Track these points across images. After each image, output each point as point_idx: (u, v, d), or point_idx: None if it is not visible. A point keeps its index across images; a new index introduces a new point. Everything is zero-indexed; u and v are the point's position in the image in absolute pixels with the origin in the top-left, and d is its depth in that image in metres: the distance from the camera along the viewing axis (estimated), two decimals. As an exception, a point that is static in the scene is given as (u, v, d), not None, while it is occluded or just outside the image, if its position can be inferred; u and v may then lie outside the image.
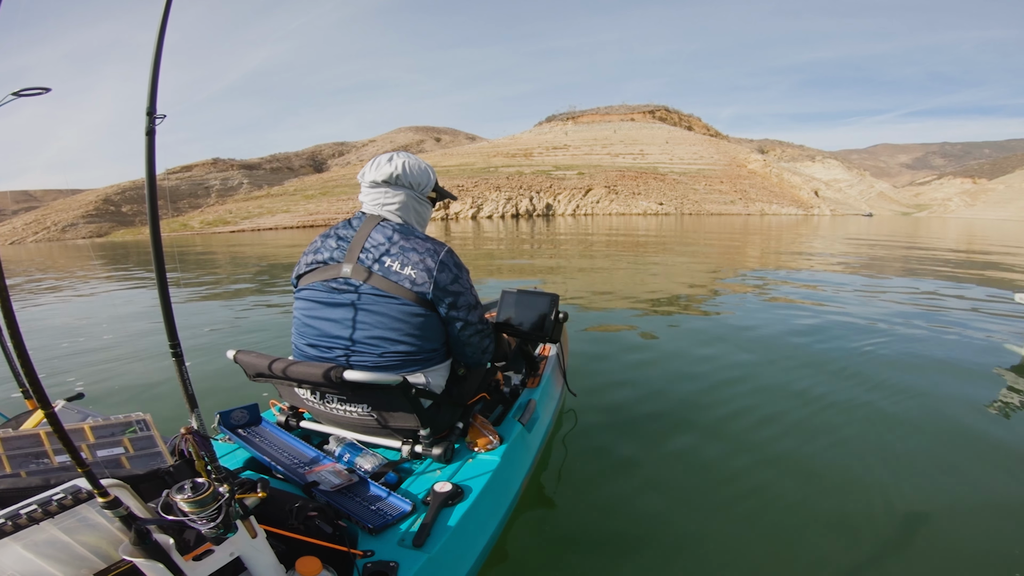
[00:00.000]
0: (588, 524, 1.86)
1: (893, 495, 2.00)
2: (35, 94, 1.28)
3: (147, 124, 0.95)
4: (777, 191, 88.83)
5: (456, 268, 1.45)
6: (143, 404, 3.06)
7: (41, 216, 55.08)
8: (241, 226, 48.84)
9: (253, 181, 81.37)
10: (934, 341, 4.22)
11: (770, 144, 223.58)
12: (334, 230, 1.52)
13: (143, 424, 1.15)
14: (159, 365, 3.73)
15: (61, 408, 1.37)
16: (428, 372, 1.49)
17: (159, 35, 0.96)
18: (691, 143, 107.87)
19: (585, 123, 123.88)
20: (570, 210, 68.69)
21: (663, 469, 2.23)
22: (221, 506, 0.78)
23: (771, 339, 4.27)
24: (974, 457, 2.31)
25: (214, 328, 5.12)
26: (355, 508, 1.23)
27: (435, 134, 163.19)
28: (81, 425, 1.09)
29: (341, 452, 1.48)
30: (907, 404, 2.86)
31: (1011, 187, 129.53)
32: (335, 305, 1.43)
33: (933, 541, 1.75)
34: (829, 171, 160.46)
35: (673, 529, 1.83)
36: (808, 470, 2.20)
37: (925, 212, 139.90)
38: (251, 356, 1.47)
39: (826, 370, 3.46)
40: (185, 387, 1.03)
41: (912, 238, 20.78)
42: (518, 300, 1.93)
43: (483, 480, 1.40)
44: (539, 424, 1.94)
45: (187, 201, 68.58)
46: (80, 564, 0.78)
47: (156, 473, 1.00)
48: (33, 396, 0.69)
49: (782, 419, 2.68)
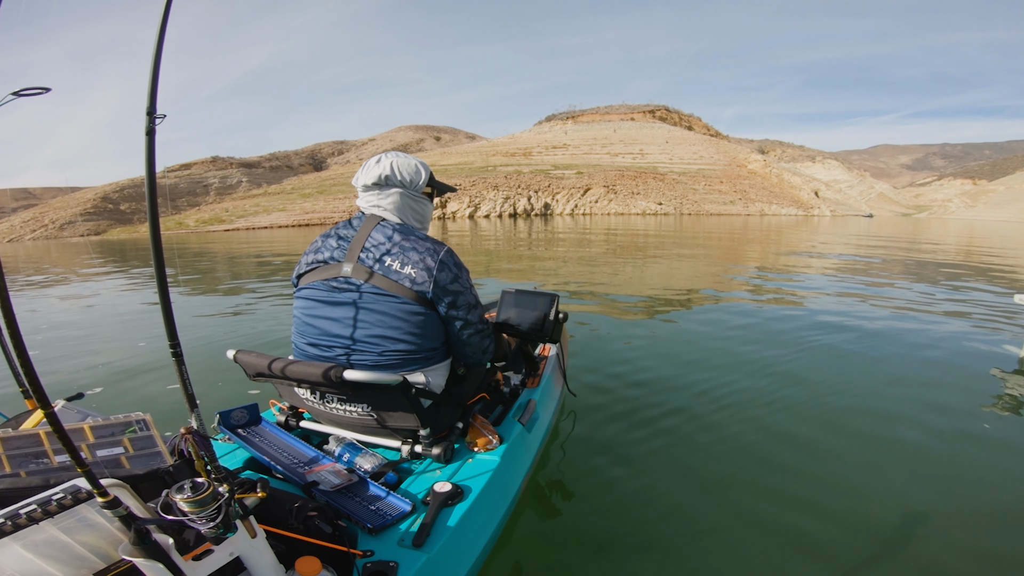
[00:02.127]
0: (588, 524, 1.86)
1: (892, 495, 2.01)
2: (35, 94, 1.28)
3: (147, 124, 0.95)
4: (777, 191, 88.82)
5: (456, 267, 1.46)
6: (143, 404, 3.06)
7: (39, 214, 54.93)
8: (236, 224, 48.50)
9: (252, 180, 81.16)
10: (933, 341, 4.23)
11: (770, 144, 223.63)
12: (335, 230, 1.52)
13: (143, 424, 1.15)
14: (159, 365, 3.73)
15: (61, 408, 1.37)
16: (428, 371, 1.49)
17: (159, 35, 0.96)
18: (691, 143, 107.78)
19: (585, 122, 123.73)
20: (568, 210, 68.58)
21: (664, 469, 2.23)
22: (221, 506, 0.78)
23: (771, 340, 4.27)
24: (973, 458, 2.31)
25: (214, 327, 5.12)
26: (355, 508, 1.23)
27: (435, 133, 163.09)
28: (81, 425, 1.09)
29: (341, 452, 1.48)
30: (906, 405, 2.87)
31: (1011, 188, 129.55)
32: (336, 304, 1.43)
33: (932, 542, 1.75)
34: (829, 172, 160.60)
35: (674, 529, 1.84)
36: (809, 471, 2.21)
37: (925, 213, 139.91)
38: (251, 355, 1.47)
39: (826, 371, 3.47)
40: (185, 387, 1.03)
41: (912, 239, 20.80)
42: (518, 300, 1.93)
43: (483, 480, 1.40)
44: (539, 424, 1.94)
45: (186, 199, 68.40)
46: (80, 564, 0.78)
47: (156, 473, 1.00)
48: (33, 396, 0.69)
49: (782, 419, 2.69)
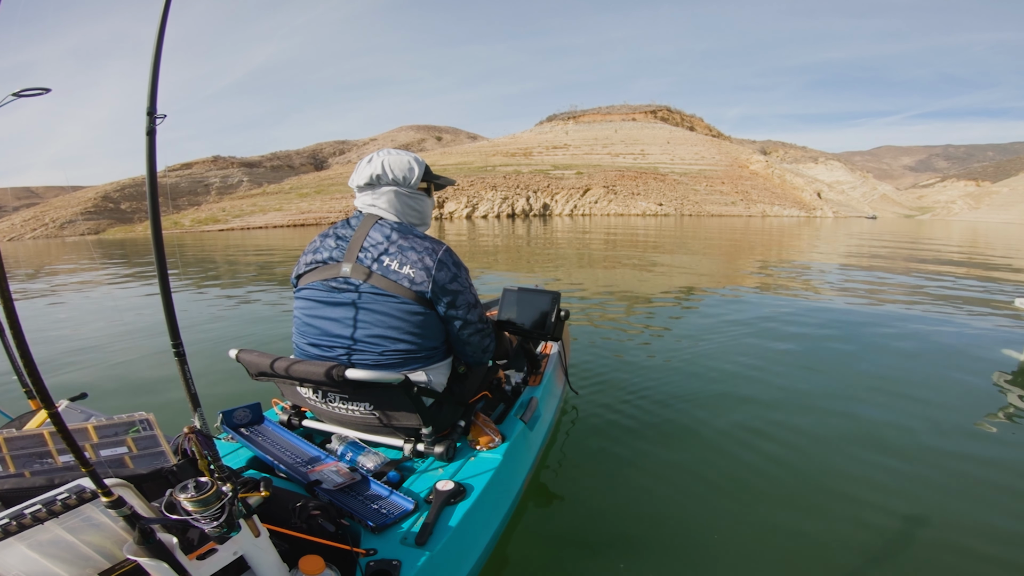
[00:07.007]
0: (590, 522, 1.86)
1: (893, 499, 2.00)
2: (36, 94, 1.28)
3: (147, 124, 0.95)
4: (779, 192, 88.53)
5: (455, 267, 1.45)
6: (146, 404, 3.06)
7: (40, 213, 54.92)
8: (231, 224, 48.32)
9: (253, 179, 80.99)
10: (934, 344, 4.22)
11: (773, 145, 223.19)
12: (333, 229, 1.52)
13: (146, 424, 1.15)
14: (162, 364, 3.73)
15: (64, 408, 1.37)
16: (429, 370, 1.49)
17: (158, 37, 0.96)
18: (692, 143, 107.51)
19: (586, 122, 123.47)
20: (567, 210, 68.41)
21: (666, 467, 2.23)
22: (224, 505, 0.78)
23: (772, 340, 4.27)
24: (972, 462, 2.30)
25: (216, 327, 5.12)
26: (357, 507, 1.23)
27: (436, 133, 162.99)
28: (84, 425, 1.09)
29: (343, 451, 1.48)
30: (906, 408, 2.86)
31: (1015, 190, 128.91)
32: (335, 304, 1.43)
33: (933, 544, 1.75)
34: (832, 173, 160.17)
35: (675, 528, 1.84)
36: (810, 473, 2.21)
37: (928, 215, 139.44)
38: (253, 355, 1.47)
39: (827, 374, 3.46)
40: (188, 386, 1.03)
41: (915, 241, 20.74)
42: (520, 298, 1.93)
43: (485, 478, 1.40)
44: (541, 422, 1.94)
45: (186, 199, 68.30)
46: (84, 564, 0.78)
47: (159, 472, 1.00)
48: (36, 396, 0.69)
49: (784, 420, 2.69)
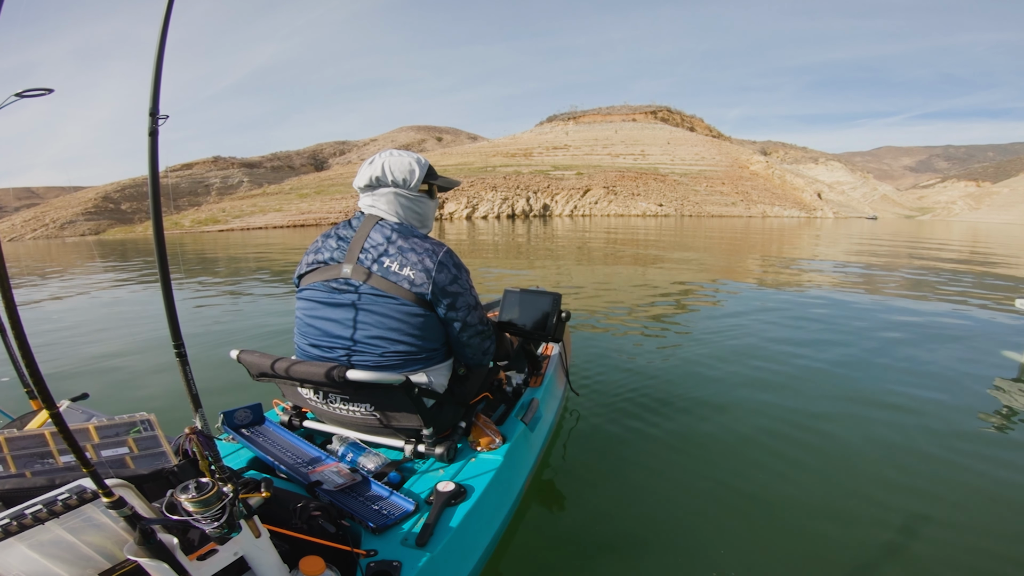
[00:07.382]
0: (591, 523, 1.86)
1: (894, 499, 2.00)
2: (38, 95, 1.29)
3: (149, 125, 0.95)
4: (779, 193, 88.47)
5: (455, 268, 1.44)
6: (147, 404, 3.06)
7: (40, 213, 54.93)
8: (231, 225, 48.29)
9: (254, 179, 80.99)
10: (933, 346, 4.21)
11: (773, 146, 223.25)
12: (335, 230, 1.52)
13: (147, 424, 1.15)
14: (163, 365, 3.74)
15: (66, 408, 1.37)
16: (430, 371, 1.49)
17: (160, 39, 0.96)
18: (693, 144, 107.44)
19: (586, 123, 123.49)
20: (567, 211, 68.34)
21: (667, 469, 2.23)
22: (225, 506, 0.78)
23: (772, 341, 4.26)
24: (972, 463, 2.30)
25: (217, 328, 5.13)
26: (358, 507, 1.23)
27: (436, 133, 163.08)
28: (86, 425, 1.09)
29: (344, 452, 1.48)
30: (905, 410, 2.85)
31: (1015, 191, 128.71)
32: (336, 305, 1.43)
33: (933, 545, 1.74)
34: (832, 173, 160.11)
35: (677, 529, 1.83)
36: (811, 474, 2.20)
37: (929, 215, 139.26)
38: (254, 356, 1.47)
39: (828, 375, 3.45)
40: (189, 387, 1.03)
41: (916, 241, 20.74)
42: (521, 299, 1.93)
43: (486, 479, 1.40)
44: (542, 423, 1.94)
45: (187, 199, 68.30)
46: (85, 564, 0.78)
47: (160, 473, 1.00)
48: (38, 396, 0.69)
49: (786, 420, 2.68)
